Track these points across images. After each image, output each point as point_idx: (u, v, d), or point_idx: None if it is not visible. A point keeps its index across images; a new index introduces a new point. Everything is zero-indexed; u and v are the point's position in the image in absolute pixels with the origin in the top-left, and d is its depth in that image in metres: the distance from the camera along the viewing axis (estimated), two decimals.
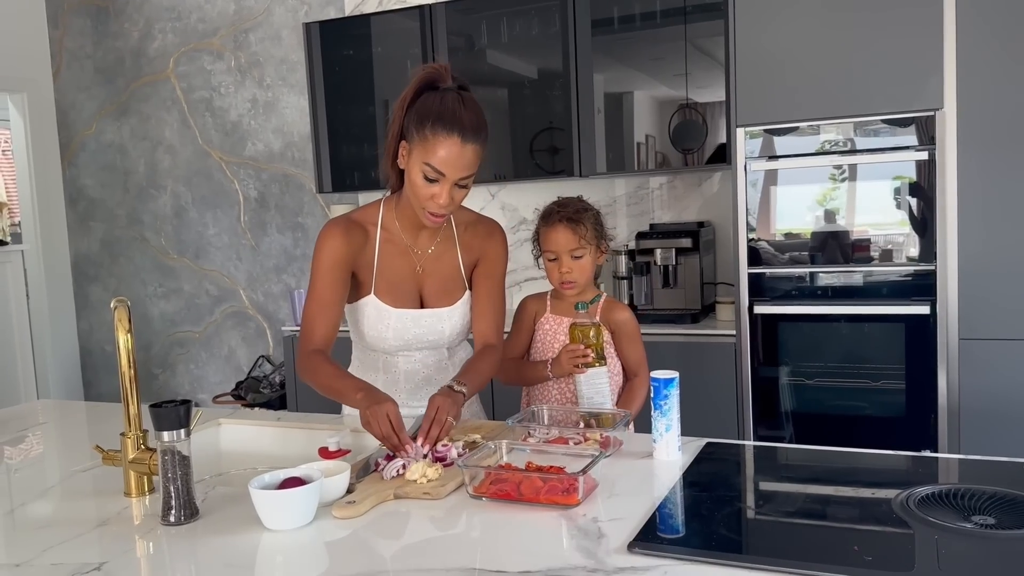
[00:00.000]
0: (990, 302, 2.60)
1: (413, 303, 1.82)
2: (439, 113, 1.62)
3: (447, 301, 1.84)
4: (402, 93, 1.70)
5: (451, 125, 1.61)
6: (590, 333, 1.85)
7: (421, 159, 1.63)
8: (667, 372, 1.52)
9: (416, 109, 1.65)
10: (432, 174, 1.63)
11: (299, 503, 1.23)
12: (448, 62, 3.55)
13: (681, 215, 3.61)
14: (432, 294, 1.83)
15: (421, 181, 1.64)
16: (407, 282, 1.81)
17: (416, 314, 1.81)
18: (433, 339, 1.84)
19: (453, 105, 1.63)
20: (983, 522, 1.13)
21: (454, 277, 1.85)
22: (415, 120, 1.64)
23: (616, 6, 3.32)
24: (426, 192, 1.65)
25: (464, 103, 1.65)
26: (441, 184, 1.63)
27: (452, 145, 1.61)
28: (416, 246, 1.82)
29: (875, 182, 2.74)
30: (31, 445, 1.87)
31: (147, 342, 4.87)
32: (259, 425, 1.91)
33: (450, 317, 1.83)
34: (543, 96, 3.51)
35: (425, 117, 1.62)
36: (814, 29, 2.73)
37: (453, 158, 1.61)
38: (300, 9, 4.29)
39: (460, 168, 1.63)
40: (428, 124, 1.61)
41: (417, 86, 1.68)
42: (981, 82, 2.57)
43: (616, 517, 1.23)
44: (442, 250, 1.84)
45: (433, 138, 1.61)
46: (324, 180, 3.93)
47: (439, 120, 1.61)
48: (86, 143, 4.95)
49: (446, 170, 1.62)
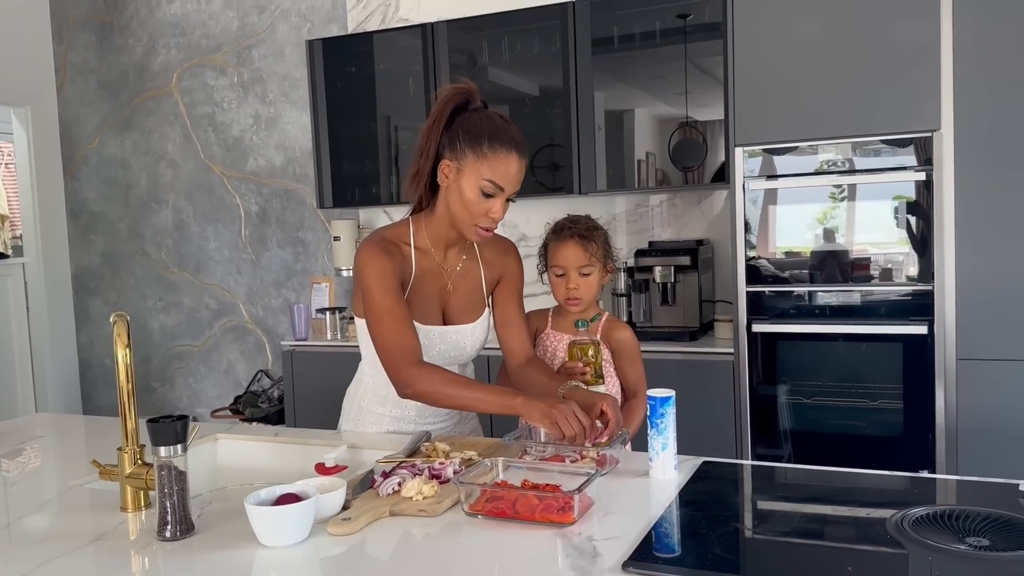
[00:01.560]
0: (988, 322, 2.60)
1: (437, 320, 1.84)
2: (493, 131, 1.69)
3: (470, 317, 1.87)
4: (433, 114, 1.74)
5: (508, 142, 1.69)
6: (588, 351, 1.86)
7: (478, 176, 1.68)
8: (663, 391, 1.52)
9: (461, 128, 1.70)
10: (491, 189, 1.69)
11: (294, 519, 1.24)
12: (450, 79, 3.61)
13: (681, 233, 3.63)
14: (456, 311, 1.86)
15: (477, 197, 1.69)
16: (435, 299, 1.84)
17: (442, 331, 1.83)
18: (455, 355, 1.86)
19: (502, 123, 1.71)
20: (977, 544, 1.13)
21: (477, 293, 1.89)
22: (467, 139, 1.69)
23: (616, 25, 3.35)
24: (482, 208, 1.70)
25: (507, 121, 1.73)
26: (497, 198, 1.70)
27: (512, 161, 1.69)
28: (445, 263, 1.85)
29: (874, 202, 2.75)
30: (28, 458, 1.87)
31: (146, 355, 4.87)
32: (256, 440, 1.91)
33: (472, 333, 1.87)
34: (544, 114, 3.53)
35: (479, 136, 1.68)
36: (812, 49, 2.75)
37: (513, 173, 1.70)
38: (303, 26, 4.32)
39: (517, 182, 1.72)
40: (485, 142, 1.67)
41: (451, 107, 1.72)
42: (978, 103, 2.58)
43: (611, 536, 1.23)
44: (468, 268, 1.88)
45: (493, 155, 1.67)
46: (325, 195, 3.95)
47: (495, 138, 1.68)
48: (88, 157, 4.98)
49: (506, 184, 1.70)
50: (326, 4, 4.26)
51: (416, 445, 1.66)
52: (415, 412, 1.86)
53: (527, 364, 1.91)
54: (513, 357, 1.93)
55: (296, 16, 4.34)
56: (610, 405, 1.66)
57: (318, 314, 4.01)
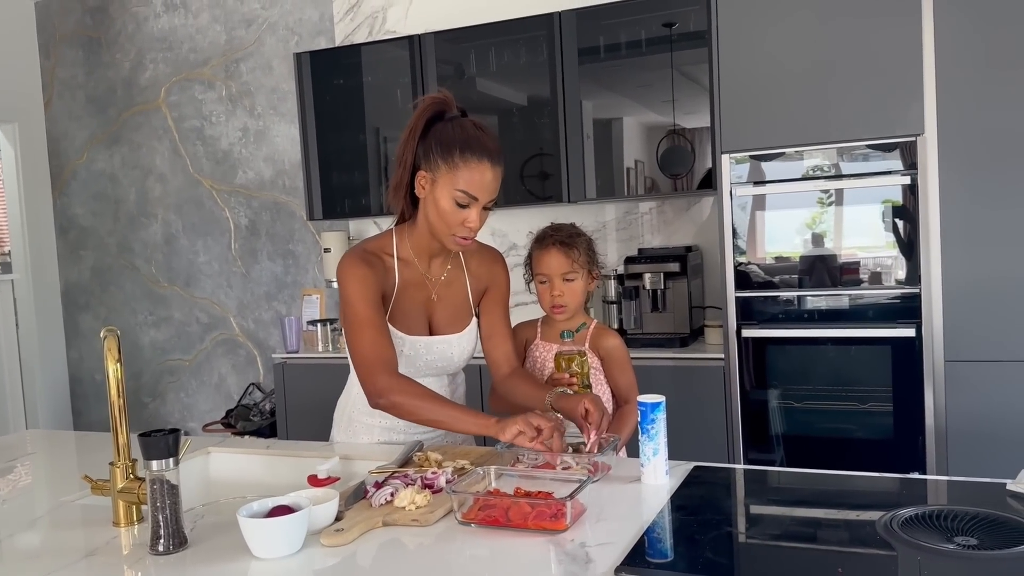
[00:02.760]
0: (974, 324, 2.62)
1: (423, 330, 1.84)
2: (465, 140, 1.69)
3: (457, 327, 1.87)
4: (408, 125, 1.75)
5: (480, 151, 1.68)
6: (574, 362, 1.86)
7: (452, 186, 1.68)
8: (654, 396, 1.53)
9: (434, 139, 1.71)
10: (465, 199, 1.69)
11: (287, 531, 1.24)
12: (439, 90, 3.62)
13: (670, 239, 3.64)
14: (442, 321, 1.86)
15: (452, 207, 1.69)
16: (420, 309, 1.84)
17: (428, 341, 1.84)
18: (442, 365, 1.86)
19: (475, 132, 1.71)
20: (966, 543, 1.14)
21: (463, 303, 1.89)
22: (439, 150, 1.69)
23: (602, 35, 3.37)
24: (457, 218, 1.70)
25: (482, 129, 1.73)
26: (473, 207, 1.70)
27: (484, 170, 1.68)
28: (430, 273, 1.86)
29: (861, 206, 2.77)
30: (19, 475, 1.87)
31: (137, 370, 4.85)
32: (248, 453, 1.91)
33: (459, 343, 1.87)
34: (532, 123, 3.54)
35: (451, 145, 1.68)
36: (797, 56, 2.77)
37: (486, 182, 1.69)
38: (291, 39, 4.33)
39: (492, 191, 1.71)
40: (456, 152, 1.68)
41: (426, 117, 1.73)
42: (961, 107, 2.61)
43: (604, 542, 1.24)
44: (452, 277, 1.89)
45: (464, 165, 1.67)
46: (315, 207, 3.95)
47: (467, 147, 1.68)
48: (77, 172, 4.97)
49: (479, 194, 1.69)
50: (313, 17, 4.27)
51: (408, 455, 1.67)
52: (404, 424, 1.86)
53: (512, 375, 1.91)
54: (498, 369, 1.93)
55: (284, 29, 4.35)
56: (592, 402, 1.67)
57: (309, 326, 4.01)
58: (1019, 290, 2.58)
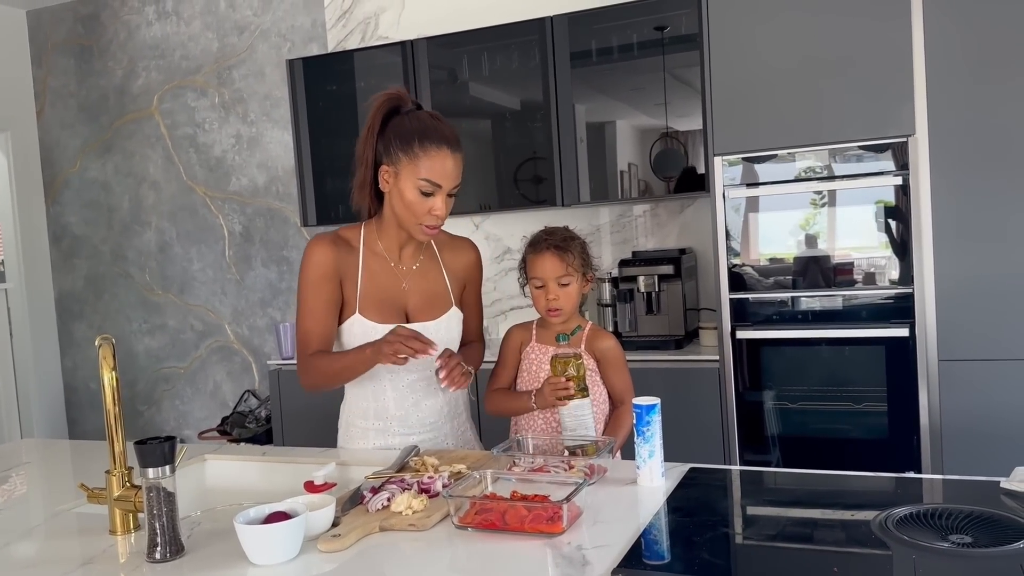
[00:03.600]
0: (967, 323, 2.64)
1: (399, 319, 1.85)
2: (423, 131, 1.72)
3: (432, 315, 1.89)
4: (366, 123, 1.78)
5: (438, 139, 1.72)
6: (570, 365, 1.86)
7: (415, 176, 1.72)
8: (649, 398, 1.54)
9: (392, 133, 1.75)
10: (429, 188, 1.72)
11: (284, 537, 1.24)
12: (431, 95, 3.63)
13: (664, 242, 3.65)
14: (417, 309, 1.88)
15: (417, 197, 1.73)
16: (393, 299, 1.86)
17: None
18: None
19: (431, 122, 1.75)
20: (960, 541, 1.15)
21: (440, 293, 1.91)
22: (398, 143, 1.73)
23: (594, 38, 3.38)
24: (423, 207, 1.74)
25: (438, 118, 1.77)
26: (437, 195, 1.74)
27: (444, 157, 1.72)
28: (400, 264, 1.88)
29: (855, 207, 2.79)
30: (15, 485, 1.86)
31: (132, 379, 4.84)
32: (244, 460, 1.91)
33: (436, 330, 1.86)
34: (525, 127, 3.55)
35: (409, 137, 1.72)
36: (788, 58, 2.78)
37: (448, 168, 1.73)
38: (283, 46, 4.33)
39: (453, 178, 1.75)
40: (416, 142, 1.71)
41: (382, 114, 1.77)
42: (951, 107, 2.62)
43: (600, 544, 1.24)
44: (426, 267, 1.91)
45: (424, 154, 1.71)
46: (309, 213, 3.95)
47: (426, 137, 1.72)
48: (70, 180, 4.96)
49: (442, 181, 1.73)
50: (306, 23, 4.28)
51: (405, 459, 1.67)
52: (397, 423, 1.87)
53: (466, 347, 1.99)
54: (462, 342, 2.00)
55: (276, 36, 4.35)
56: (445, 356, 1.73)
57: None
58: (1011, 288, 2.59)
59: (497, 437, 1.92)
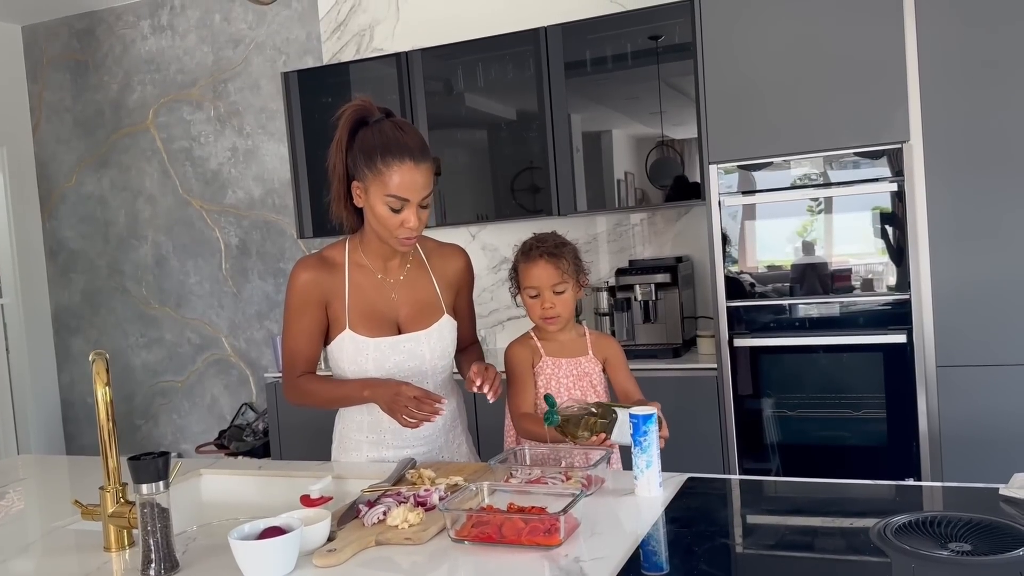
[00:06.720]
0: (965, 329, 2.63)
1: (390, 331, 1.84)
2: (384, 145, 1.69)
3: (424, 324, 1.87)
4: (335, 137, 1.77)
5: (400, 152, 1.69)
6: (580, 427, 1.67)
7: (382, 192, 1.70)
8: (645, 408, 1.53)
9: (358, 148, 1.73)
10: (397, 203, 1.70)
11: (279, 553, 1.23)
12: (426, 107, 3.63)
13: (661, 250, 3.65)
14: (408, 319, 1.87)
15: (387, 212, 1.71)
16: (382, 311, 1.84)
17: (393, 341, 1.83)
18: (414, 364, 1.85)
19: (393, 133, 1.71)
20: (959, 549, 1.14)
21: (431, 302, 1.89)
22: (362, 159, 1.72)
23: (588, 48, 3.39)
24: (394, 221, 1.72)
25: (401, 128, 1.73)
26: (407, 209, 1.71)
27: (407, 170, 1.69)
28: (387, 275, 1.86)
29: (851, 214, 2.79)
30: (11, 501, 1.85)
31: (129, 393, 4.83)
32: (240, 475, 1.90)
33: (428, 339, 1.85)
34: (521, 137, 3.55)
35: (371, 153, 1.70)
36: (781, 66, 2.79)
37: (412, 182, 1.70)
38: (278, 59, 4.34)
39: (420, 189, 1.71)
40: (378, 158, 1.69)
41: (349, 127, 1.76)
42: (945, 113, 2.63)
43: (598, 556, 1.23)
44: (414, 276, 1.89)
45: (387, 170, 1.69)
46: (305, 226, 3.95)
47: (387, 151, 1.69)
48: (66, 195, 4.96)
49: (409, 195, 1.70)
50: (300, 36, 4.29)
51: (401, 473, 1.66)
52: (391, 436, 1.86)
53: (469, 350, 2.02)
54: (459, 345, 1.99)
55: (271, 49, 4.36)
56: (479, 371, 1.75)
57: None
58: (1008, 294, 2.59)
59: (493, 449, 1.91)
